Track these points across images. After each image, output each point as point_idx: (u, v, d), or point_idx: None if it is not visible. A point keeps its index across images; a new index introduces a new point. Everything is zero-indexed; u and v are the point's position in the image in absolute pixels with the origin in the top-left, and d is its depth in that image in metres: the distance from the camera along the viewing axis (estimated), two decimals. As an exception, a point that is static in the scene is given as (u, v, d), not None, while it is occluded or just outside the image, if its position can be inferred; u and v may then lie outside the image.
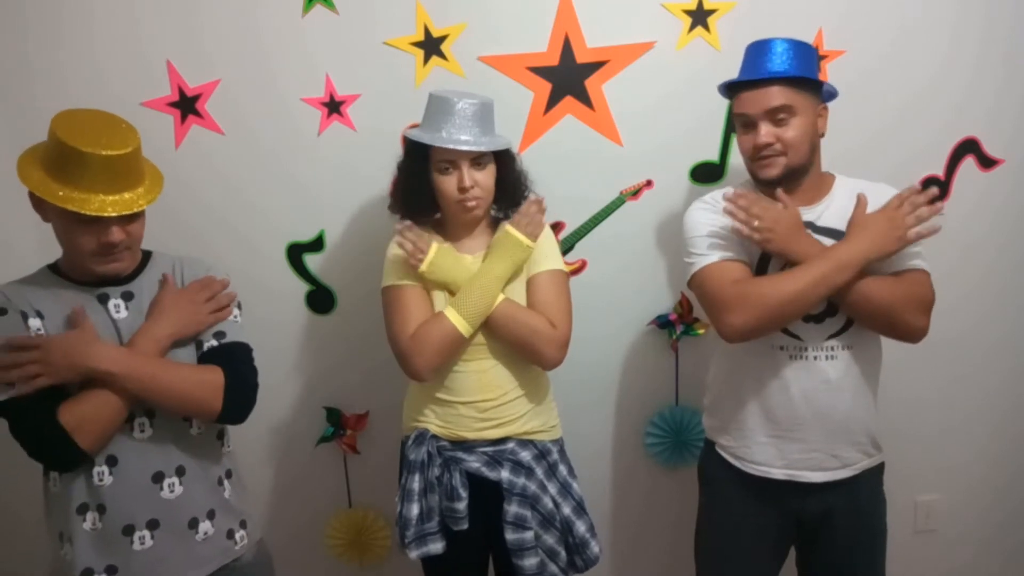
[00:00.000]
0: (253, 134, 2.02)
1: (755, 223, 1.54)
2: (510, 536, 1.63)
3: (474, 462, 1.67)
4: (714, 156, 2.10)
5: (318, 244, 2.10)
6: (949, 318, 2.13)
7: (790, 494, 1.66)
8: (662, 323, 2.15)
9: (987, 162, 2.15)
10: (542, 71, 2.02)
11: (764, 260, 1.62)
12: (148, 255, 1.53)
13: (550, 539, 1.68)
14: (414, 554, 1.65)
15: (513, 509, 1.64)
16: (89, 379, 1.34)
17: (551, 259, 1.72)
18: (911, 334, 1.57)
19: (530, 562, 1.64)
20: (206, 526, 1.48)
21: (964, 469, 2.32)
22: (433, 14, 1.98)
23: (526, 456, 1.69)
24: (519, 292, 1.71)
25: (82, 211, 1.30)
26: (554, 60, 2.02)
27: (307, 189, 2.06)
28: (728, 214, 1.58)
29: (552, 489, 1.70)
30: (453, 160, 1.62)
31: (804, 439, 1.62)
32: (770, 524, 1.70)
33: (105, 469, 1.39)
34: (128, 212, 1.35)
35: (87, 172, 1.30)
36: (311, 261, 2.11)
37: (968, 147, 2.14)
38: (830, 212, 1.62)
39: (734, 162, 2.09)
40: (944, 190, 2.15)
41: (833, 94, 1.68)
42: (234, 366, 1.47)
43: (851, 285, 1.50)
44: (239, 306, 1.57)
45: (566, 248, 2.12)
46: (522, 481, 1.66)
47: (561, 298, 1.71)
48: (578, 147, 2.07)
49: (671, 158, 2.09)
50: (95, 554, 1.40)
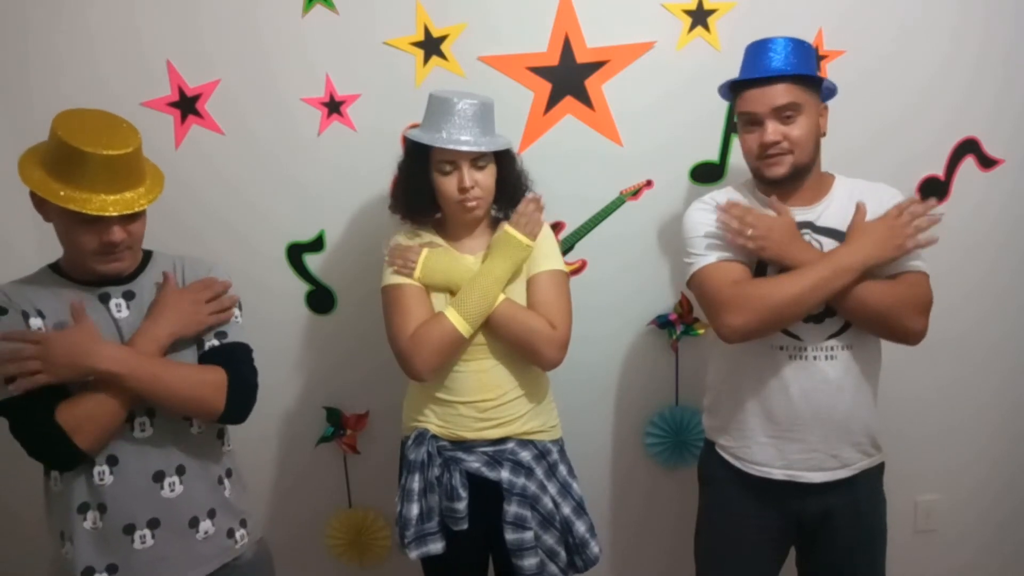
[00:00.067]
0: (253, 134, 2.02)
1: (749, 232, 1.55)
2: (510, 536, 1.63)
3: (474, 462, 1.67)
4: (714, 156, 2.10)
5: (318, 244, 2.10)
6: (949, 318, 2.13)
7: (790, 494, 1.66)
8: (662, 323, 2.15)
9: (987, 162, 2.15)
10: (542, 71, 2.02)
11: (762, 262, 1.62)
12: (149, 255, 1.53)
13: (550, 539, 1.68)
14: (414, 554, 1.65)
15: (513, 509, 1.63)
16: (90, 378, 1.34)
17: (551, 259, 1.72)
18: (909, 337, 1.57)
19: (530, 562, 1.64)
20: (206, 525, 1.49)
21: (964, 469, 2.32)
22: (433, 14, 1.98)
23: (526, 456, 1.69)
24: (519, 292, 1.70)
25: (83, 211, 1.30)
26: (554, 60, 2.02)
27: (307, 189, 2.06)
28: (721, 223, 1.59)
29: (552, 489, 1.70)
30: (453, 160, 1.62)
31: (804, 439, 1.62)
32: (770, 524, 1.70)
33: (106, 468, 1.40)
34: (129, 212, 1.35)
35: (88, 172, 1.31)
36: (311, 261, 2.11)
37: (968, 147, 2.14)
38: (829, 212, 1.62)
39: (734, 162, 2.09)
40: (944, 190, 2.15)
41: (833, 91, 1.68)
42: (235, 366, 1.48)
43: (848, 289, 1.51)
44: (240, 306, 1.58)
45: (566, 248, 2.12)
46: (522, 481, 1.66)
47: (561, 298, 1.71)
48: (578, 147, 2.07)
49: (671, 158, 2.09)
50: (96, 553, 1.40)
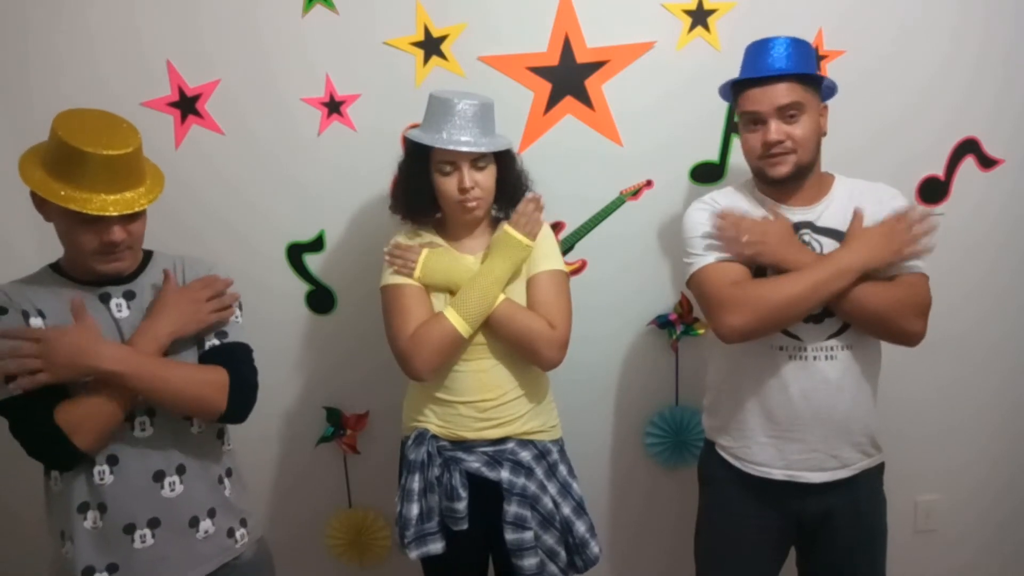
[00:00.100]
0: (253, 134, 2.02)
1: (744, 238, 1.56)
2: (510, 536, 1.63)
3: (474, 462, 1.67)
4: (714, 156, 2.10)
5: (318, 244, 2.10)
6: (949, 318, 2.13)
7: (790, 495, 1.66)
8: (662, 323, 2.15)
9: (987, 162, 2.15)
10: (542, 71, 2.02)
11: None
12: (149, 254, 1.53)
13: (550, 539, 1.68)
14: (414, 554, 1.65)
15: (513, 509, 1.63)
16: (90, 378, 1.34)
17: (551, 259, 1.72)
18: (907, 339, 1.57)
19: (530, 562, 1.64)
20: (207, 524, 1.49)
21: (964, 469, 2.31)
22: (433, 14, 1.98)
23: (526, 456, 1.69)
24: (519, 292, 1.70)
25: (83, 211, 1.31)
26: (554, 60, 2.02)
27: (307, 189, 2.06)
28: (716, 230, 1.59)
29: (552, 489, 1.70)
30: (453, 161, 1.62)
31: (804, 439, 1.62)
32: (770, 524, 1.70)
33: (106, 468, 1.40)
34: (129, 211, 1.35)
35: (88, 172, 1.31)
36: (311, 261, 2.11)
37: (968, 147, 2.14)
38: (829, 212, 1.62)
39: (734, 162, 2.09)
40: (944, 190, 2.15)
41: (833, 90, 1.68)
42: (235, 366, 1.48)
43: (847, 291, 1.51)
44: (240, 306, 1.58)
45: (566, 248, 2.12)
46: (522, 481, 1.66)
47: (561, 298, 1.70)
48: (578, 147, 2.07)
49: (671, 158, 2.09)
50: (96, 552, 1.41)
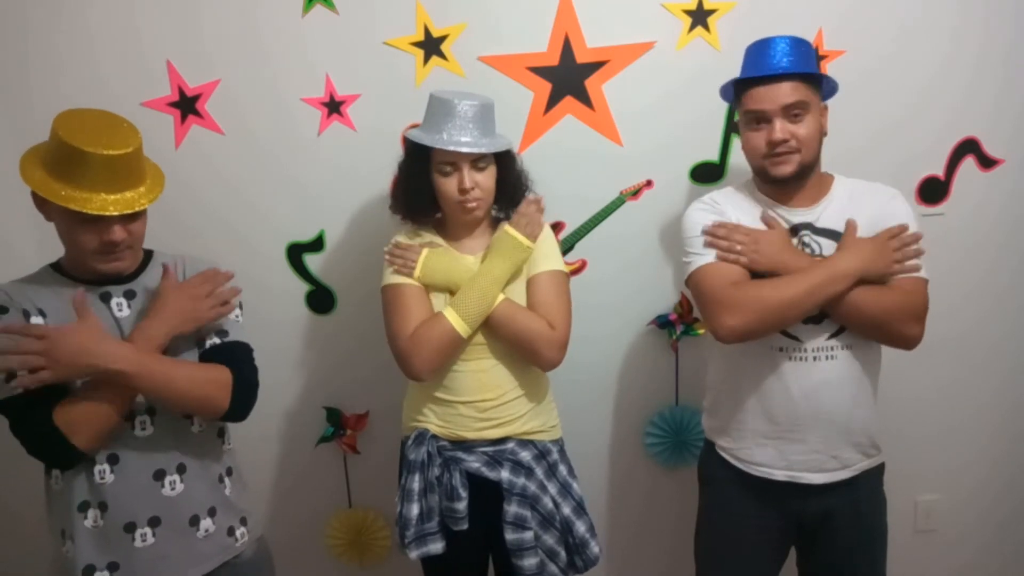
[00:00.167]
0: (253, 134, 2.02)
1: (738, 247, 1.57)
2: (510, 536, 1.63)
3: (474, 462, 1.67)
4: (714, 156, 2.10)
5: (318, 244, 2.10)
6: (949, 319, 2.13)
7: (791, 495, 1.66)
8: (662, 323, 2.15)
9: (987, 162, 2.15)
10: (542, 71, 2.02)
11: None
12: (150, 254, 1.53)
13: (550, 539, 1.68)
14: (414, 554, 1.65)
15: (513, 509, 1.63)
16: (93, 376, 1.34)
17: (551, 259, 1.72)
18: (904, 343, 1.58)
19: (530, 562, 1.64)
20: (207, 523, 1.49)
21: (964, 469, 2.31)
22: (433, 14, 1.98)
23: (526, 456, 1.69)
24: (519, 292, 1.70)
25: (84, 210, 1.31)
26: (554, 60, 2.02)
27: (307, 189, 2.06)
28: (710, 243, 1.60)
29: (552, 489, 1.70)
30: (453, 162, 1.62)
31: (804, 440, 1.62)
32: (770, 525, 1.70)
33: (106, 467, 1.40)
34: (130, 211, 1.35)
35: (89, 171, 1.31)
36: (311, 261, 2.11)
37: (968, 147, 2.14)
38: (829, 213, 1.62)
39: (734, 162, 2.09)
40: (944, 190, 2.15)
41: (834, 89, 1.68)
42: (236, 365, 1.48)
43: (844, 295, 1.52)
44: (240, 306, 1.58)
45: (566, 248, 2.12)
46: (522, 481, 1.66)
47: (560, 299, 1.70)
48: (578, 147, 2.07)
49: (671, 158, 2.09)
50: (96, 551, 1.41)
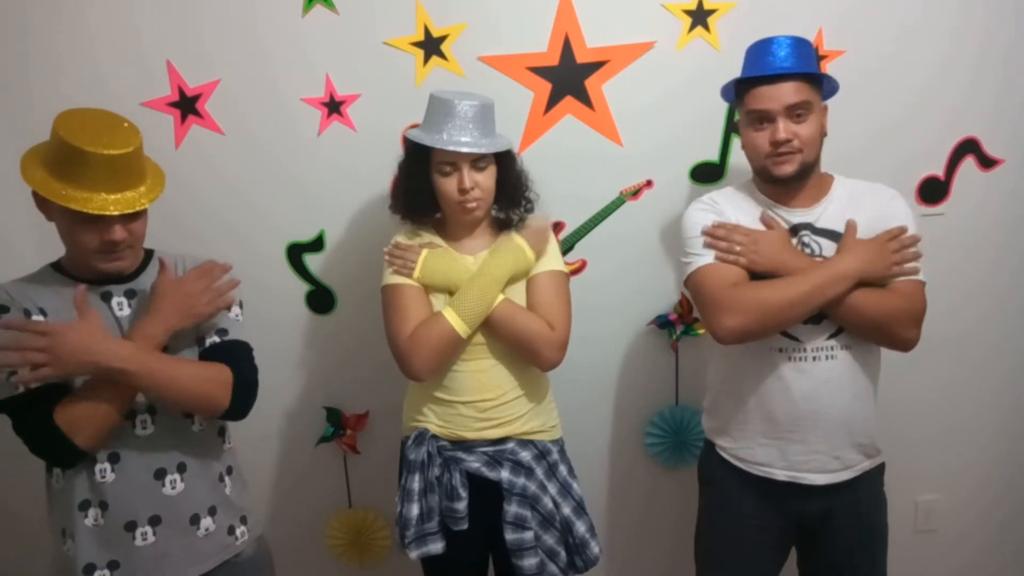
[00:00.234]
0: (253, 134, 2.02)
1: (737, 248, 1.57)
2: (510, 536, 1.63)
3: (474, 462, 1.67)
4: (714, 156, 2.10)
5: (318, 244, 2.10)
6: (949, 318, 2.13)
7: (791, 495, 1.66)
8: (662, 323, 2.15)
9: (987, 162, 2.15)
10: (542, 71, 2.02)
11: None
12: (150, 253, 1.53)
13: (550, 539, 1.68)
14: (414, 554, 1.65)
15: (513, 509, 1.63)
16: (93, 373, 1.34)
17: (551, 260, 1.72)
18: (902, 345, 1.58)
19: (530, 562, 1.64)
20: (207, 522, 1.49)
21: (964, 469, 2.31)
22: (433, 14, 1.98)
23: (526, 456, 1.69)
24: (519, 293, 1.70)
25: (84, 210, 1.31)
26: (554, 60, 2.02)
27: (307, 189, 2.06)
28: (709, 243, 1.60)
29: (552, 489, 1.70)
30: (453, 162, 1.62)
31: (805, 440, 1.62)
32: (770, 525, 1.70)
33: (107, 466, 1.40)
34: (130, 211, 1.35)
35: (89, 171, 1.31)
36: (311, 261, 2.11)
37: (968, 147, 2.13)
38: (829, 213, 1.62)
39: (734, 162, 2.09)
40: (944, 190, 2.15)
41: (834, 88, 1.68)
42: (236, 364, 1.48)
43: (843, 297, 1.52)
44: (240, 305, 1.58)
45: (566, 248, 2.12)
46: (522, 481, 1.66)
47: (560, 299, 1.70)
48: (578, 147, 2.07)
49: (671, 158, 2.09)
50: (97, 550, 1.41)
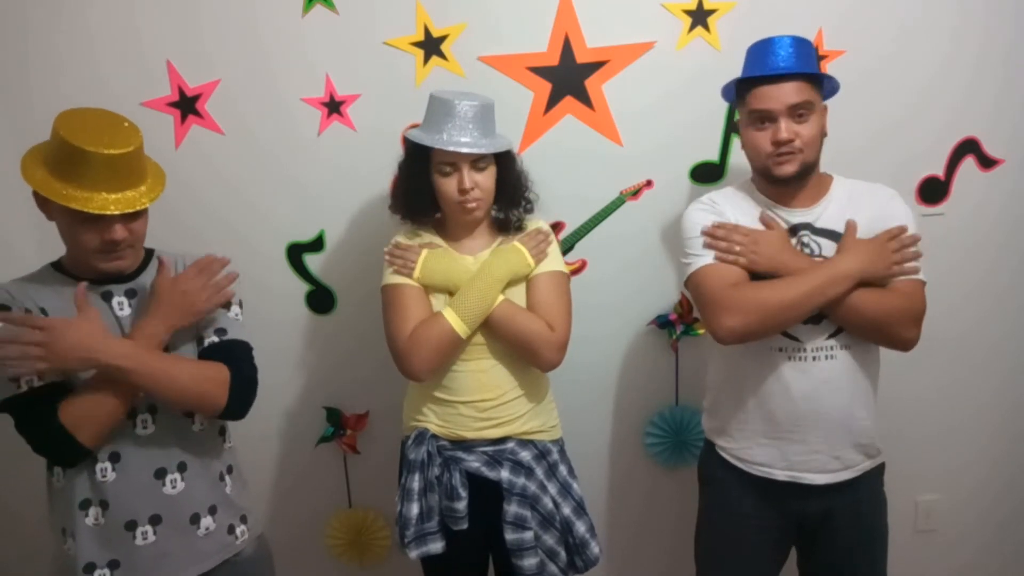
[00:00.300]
0: (253, 134, 2.02)
1: (737, 248, 1.57)
2: (510, 536, 1.63)
3: (474, 462, 1.67)
4: (714, 156, 2.10)
5: (318, 244, 2.10)
6: (949, 318, 2.13)
7: (792, 495, 1.66)
8: (662, 323, 2.15)
9: (987, 162, 2.15)
10: (542, 71, 2.03)
11: None
12: (151, 253, 1.54)
13: (550, 539, 1.68)
14: (414, 554, 1.65)
15: (513, 509, 1.63)
16: (92, 372, 1.34)
17: (551, 260, 1.72)
18: (902, 345, 1.58)
19: (530, 562, 1.64)
20: (207, 521, 1.49)
21: (964, 469, 2.31)
22: (433, 14, 1.98)
23: (526, 456, 1.69)
24: (519, 293, 1.70)
25: (85, 209, 1.31)
26: (554, 60, 2.02)
27: (307, 189, 2.06)
28: (709, 243, 1.60)
29: (552, 489, 1.70)
30: (453, 162, 1.62)
31: (805, 440, 1.62)
32: (771, 525, 1.70)
33: (108, 465, 1.40)
34: (131, 210, 1.35)
35: (90, 171, 1.31)
36: (311, 261, 2.11)
37: (968, 147, 2.13)
38: (828, 214, 1.62)
39: (734, 162, 2.09)
40: (944, 190, 2.15)
41: (835, 88, 1.68)
42: (235, 363, 1.48)
43: (843, 298, 1.52)
44: (240, 304, 1.58)
45: (566, 248, 2.12)
46: (522, 481, 1.66)
47: (560, 300, 1.70)
48: (578, 147, 2.07)
49: (671, 158, 2.09)
50: (98, 549, 1.41)
